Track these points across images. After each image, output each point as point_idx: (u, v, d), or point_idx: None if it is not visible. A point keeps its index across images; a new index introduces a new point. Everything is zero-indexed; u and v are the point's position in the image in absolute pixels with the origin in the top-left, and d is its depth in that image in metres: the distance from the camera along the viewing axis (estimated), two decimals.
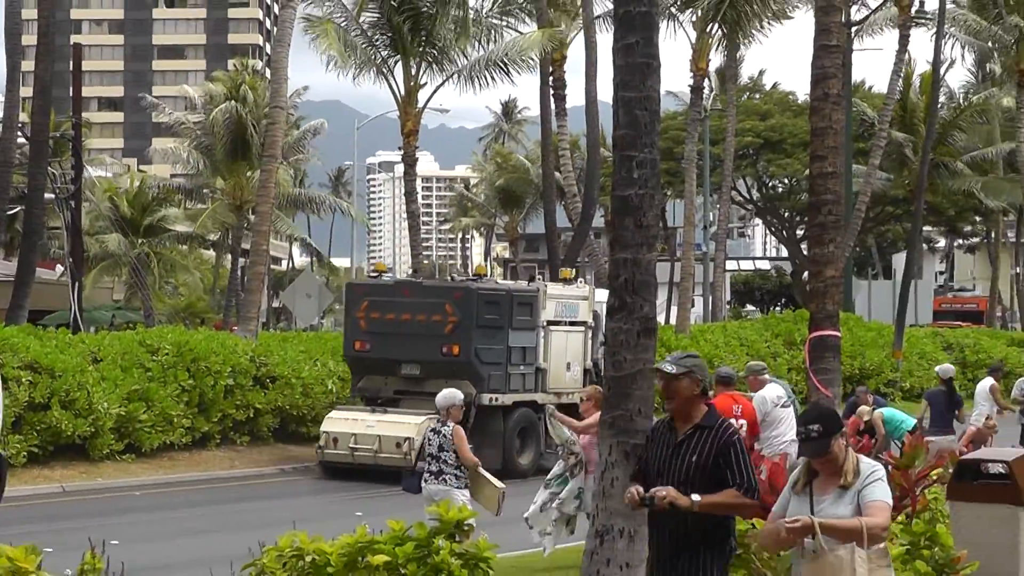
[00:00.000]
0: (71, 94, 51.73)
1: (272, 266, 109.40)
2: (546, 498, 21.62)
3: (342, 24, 53.04)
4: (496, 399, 35.50)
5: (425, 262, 65.00)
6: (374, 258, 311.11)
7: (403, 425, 34.63)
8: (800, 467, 10.75)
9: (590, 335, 38.24)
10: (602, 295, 39.70)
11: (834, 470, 10.41)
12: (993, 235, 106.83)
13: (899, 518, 16.10)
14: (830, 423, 10.48)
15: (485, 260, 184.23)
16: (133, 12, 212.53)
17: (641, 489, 11.04)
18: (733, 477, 11.06)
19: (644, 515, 14.71)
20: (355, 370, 37.76)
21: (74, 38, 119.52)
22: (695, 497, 10.80)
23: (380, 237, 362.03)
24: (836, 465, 10.39)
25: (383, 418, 35.32)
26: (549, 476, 22.18)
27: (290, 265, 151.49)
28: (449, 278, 43.33)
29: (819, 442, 10.38)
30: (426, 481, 20.74)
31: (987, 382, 34.60)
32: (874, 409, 31.02)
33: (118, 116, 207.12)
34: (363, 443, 34.70)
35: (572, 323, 37.90)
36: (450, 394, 21.52)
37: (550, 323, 37.20)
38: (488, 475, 21.11)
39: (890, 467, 18.07)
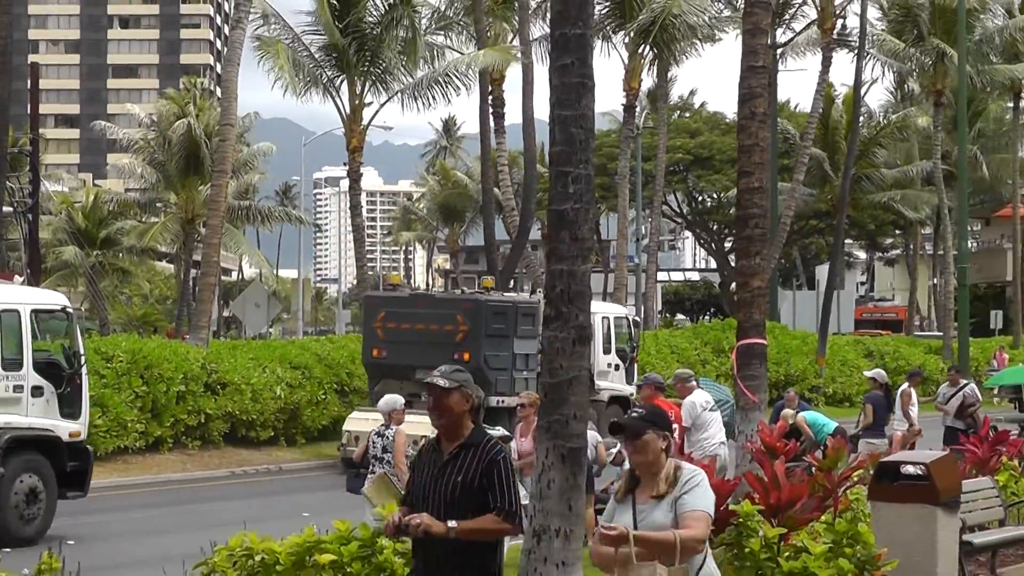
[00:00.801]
0: (28, 111, 51.67)
1: (222, 277, 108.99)
2: None
3: (290, 45, 52.97)
4: (502, 401, 36.43)
5: (370, 273, 64.93)
6: (320, 270, 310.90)
7: (418, 424, 34.81)
8: (623, 475, 10.37)
9: (587, 344, 38.63)
10: (605, 308, 45.31)
11: (652, 476, 9.84)
12: (912, 248, 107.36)
13: (823, 517, 16.16)
14: (657, 419, 9.99)
15: (427, 271, 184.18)
16: (89, 33, 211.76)
17: (399, 516, 10.07)
18: (494, 499, 10.04)
19: (581, 515, 14.77)
20: (372, 375, 39.03)
21: (32, 57, 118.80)
22: (451, 523, 9.87)
23: (326, 249, 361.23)
24: (653, 470, 9.82)
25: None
26: None
27: (240, 276, 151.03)
28: (460, 291, 44.06)
29: (637, 423, 9.82)
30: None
31: (901, 388, 34.84)
32: (797, 412, 31.12)
33: (74, 133, 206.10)
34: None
35: None
36: (392, 399, 21.62)
37: None
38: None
39: (814, 468, 18.17)
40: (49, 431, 26.42)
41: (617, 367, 42.80)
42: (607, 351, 42.43)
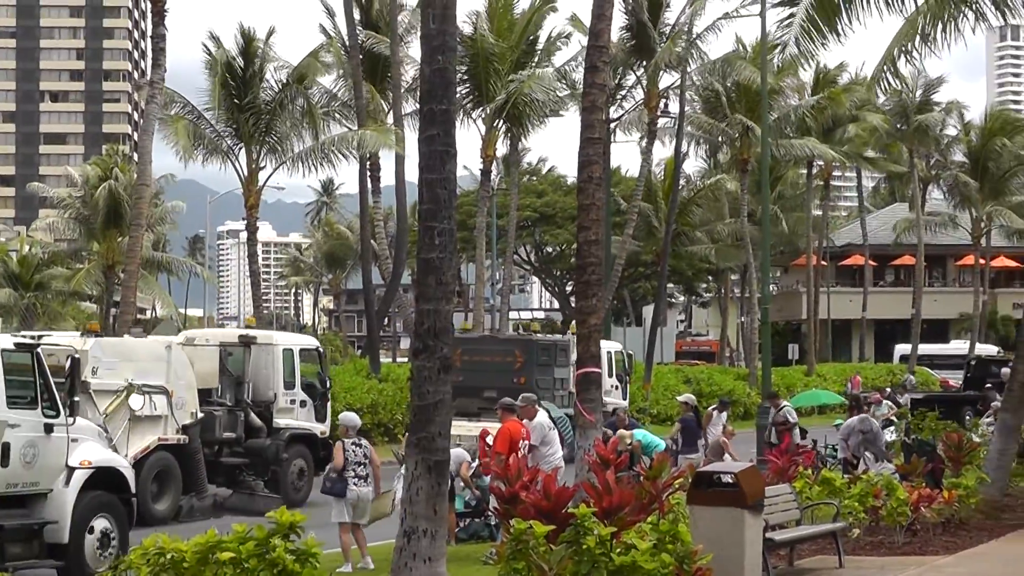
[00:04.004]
0: None
1: (138, 315, 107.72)
2: None
3: (194, 120, 52.73)
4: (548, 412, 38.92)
5: (265, 312, 64.47)
6: (222, 309, 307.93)
7: (475, 429, 36.11)
8: None
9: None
10: (608, 344, 48.50)
11: None
12: (722, 291, 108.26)
13: (649, 519, 16.20)
14: None
15: (313, 311, 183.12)
16: (24, 105, 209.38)
17: None
18: None
19: (444, 518, 14.72)
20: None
21: None
22: None
23: (228, 292, 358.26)
24: None
25: (474, 424, 37.09)
26: None
27: (153, 314, 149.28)
28: (517, 332, 49.45)
29: None
30: (355, 485, 20.88)
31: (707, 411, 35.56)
32: (632, 433, 31.08)
33: (10, 191, 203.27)
34: (465, 440, 35.31)
35: None
36: (351, 417, 22.18)
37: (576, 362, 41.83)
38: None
39: (642, 477, 18.24)
40: (310, 430, 34.32)
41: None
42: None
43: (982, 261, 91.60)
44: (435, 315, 14.69)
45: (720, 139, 73.53)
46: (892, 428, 37.72)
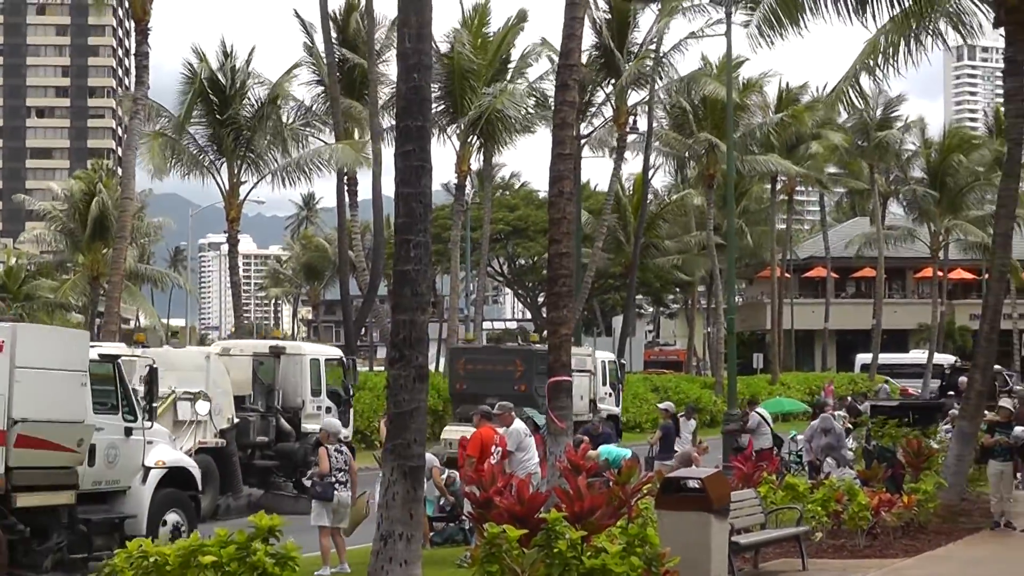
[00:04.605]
0: None
1: (122, 325, 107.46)
2: None
3: (176, 135, 52.68)
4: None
5: (245, 322, 64.36)
6: (204, 319, 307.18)
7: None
8: None
9: (591, 379, 46.94)
10: (602, 354, 51.33)
11: None
12: (689, 302, 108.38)
13: (619, 523, 16.19)
14: None
15: (292, 321, 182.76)
16: (11, 121, 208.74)
17: None
18: None
19: (420, 522, 14.70)
20: (455, 401, 44.22)
21: None
22: None
23: (209, 303, 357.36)
24: None
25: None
26: None
27: (137, 325, 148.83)
28: (518, 344, 49.74)
29: None
30: (337, 489, 20.87)
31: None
32: (598, 452, 30.95)
33: None
34: None
35: (582, 371, 44.10)
36: (333, 423, 22.14)
37: (572, 371, 41.93)
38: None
39: (611, 483, 18.24)
40: None
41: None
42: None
43: (940, 273, 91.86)
44: (411, 325, 14.68)
45: (687, 155, 73.62)
46: (851, 436, 37.77)
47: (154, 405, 23.80)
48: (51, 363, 20.12)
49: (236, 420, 31.71)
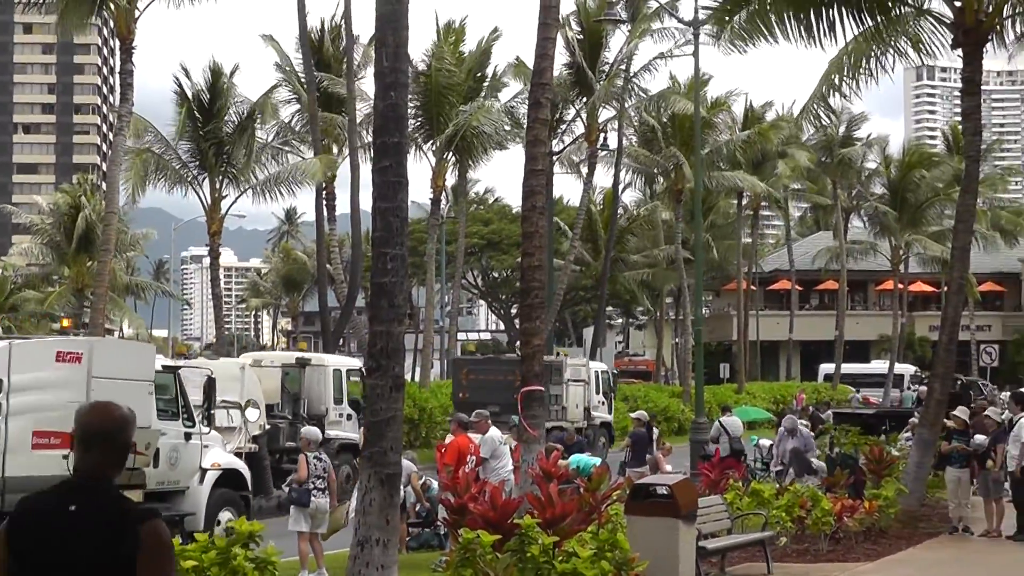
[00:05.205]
0: None
1: (107, 336, 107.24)
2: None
3: (159, 151, 52.52)
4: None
5: (226, 333, 64.22)
6: (186, 330, 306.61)
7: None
8: None
9: (585, 388, 48.36)
10: (596, 364, 52.16)
11: None
12: (658, 314, 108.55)
13: (590, 528, 16.20)
14: None
15: (272, 332, 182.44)
16: None
17: None
18: None
19: (396, 526, 14.67)
20: (458, 409, 43.36)
21: None
22: None
23: (191, 315, 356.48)
24: None
25: (476, 437, 37.69)
26: None
27: (120, 335, 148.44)
28: (517, 355, 48.92)
29: None
30: (315, 496, 20.83)
31: None
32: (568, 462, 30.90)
33: None
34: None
35: (577, 380, 47.52)
36: (313, 431, 22.12)
37: (568, 380, 46.81)
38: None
39: (582, 490, 18.24)
40: (356, 440, 34.23)
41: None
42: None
43: (900, 286, 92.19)
44: (387, 336, 14.65)
45: (656, 171, 73.75)
46: (815, 443, 37.80)
47: (212, 412, 25.37)
48: (122, 373, 21.69)
49: (267, 427, 32.93)
